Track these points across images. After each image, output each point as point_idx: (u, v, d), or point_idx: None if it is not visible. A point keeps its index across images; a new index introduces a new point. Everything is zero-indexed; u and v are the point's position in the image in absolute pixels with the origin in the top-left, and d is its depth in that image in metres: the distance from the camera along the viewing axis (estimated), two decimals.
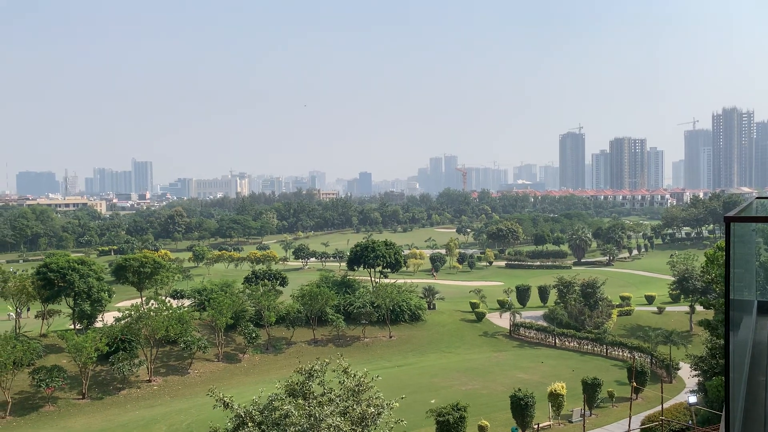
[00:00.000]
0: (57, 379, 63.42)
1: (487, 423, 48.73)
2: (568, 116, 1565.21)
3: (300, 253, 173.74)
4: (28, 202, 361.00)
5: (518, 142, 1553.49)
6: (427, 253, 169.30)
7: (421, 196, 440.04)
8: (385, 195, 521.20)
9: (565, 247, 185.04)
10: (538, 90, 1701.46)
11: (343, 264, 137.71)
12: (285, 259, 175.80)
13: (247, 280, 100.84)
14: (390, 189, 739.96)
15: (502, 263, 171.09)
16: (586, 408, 52.79)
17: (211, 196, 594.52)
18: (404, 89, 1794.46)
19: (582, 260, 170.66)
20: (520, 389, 50.98)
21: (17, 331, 74.29)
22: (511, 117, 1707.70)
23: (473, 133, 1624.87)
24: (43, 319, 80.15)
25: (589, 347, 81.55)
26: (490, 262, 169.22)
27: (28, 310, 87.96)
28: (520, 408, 49.30)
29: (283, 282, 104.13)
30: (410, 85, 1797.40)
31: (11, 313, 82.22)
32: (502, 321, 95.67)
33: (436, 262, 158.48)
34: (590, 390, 54.59)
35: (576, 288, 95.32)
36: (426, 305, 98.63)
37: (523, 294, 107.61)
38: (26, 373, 63.77)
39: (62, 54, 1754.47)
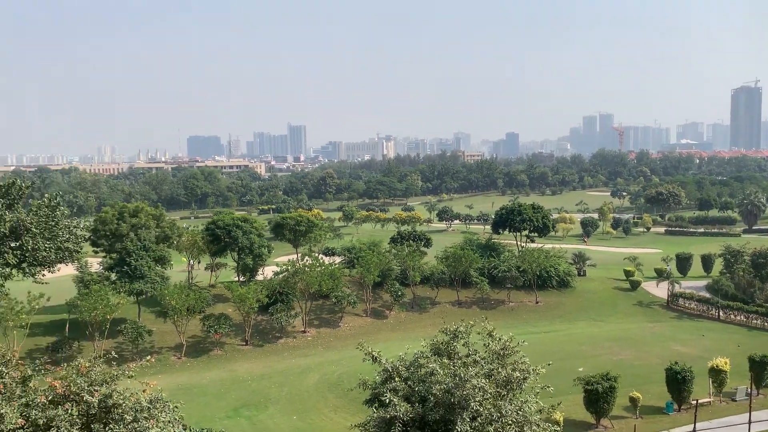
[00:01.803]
0: (224, 326, 69.64)
1: (639, 395, 46.46)
2: (743, 68, 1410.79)
3: (444, 215, 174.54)
4: (198, 164, 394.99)
5: (682, 98, 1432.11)
6: (578, 217, 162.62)
7: (572, 157, 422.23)
8: (533, 156, 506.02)
9: (734, 213, 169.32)
10: (707, 39, 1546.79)
11: (488, 227, 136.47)
12: (429, 221, 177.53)
13: (393, 240, 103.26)
14: (538, 150, 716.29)
15: (661, 229, 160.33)
16: (753, 387, 48.50)
17: (359, 159, 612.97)
18: (554, 42, 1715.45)
19: (754, 228, 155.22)
20: (677, 362, 47.97)
21: (190, 281, 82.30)
22: (674, 69, 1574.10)
23: (631, 88, 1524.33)
24: (211, 271, 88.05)
25: (759, 322, 74.54)
26: (648, 228, 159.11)
27: (199, 262, 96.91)
28: (677, 382, 46.43)
29: (428, 243, 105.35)
30: (562, 37, 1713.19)
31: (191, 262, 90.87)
32: (658, 291, 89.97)
33: (588, 227, 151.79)
34: (758, 368, 50.02)
35: (746, 258, 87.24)
36: (576, 271, 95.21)
37: (683, 263, 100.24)
38: (198, 320, 70.63)
39: (228, 34, 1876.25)
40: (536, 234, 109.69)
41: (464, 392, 22.55)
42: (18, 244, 67.09)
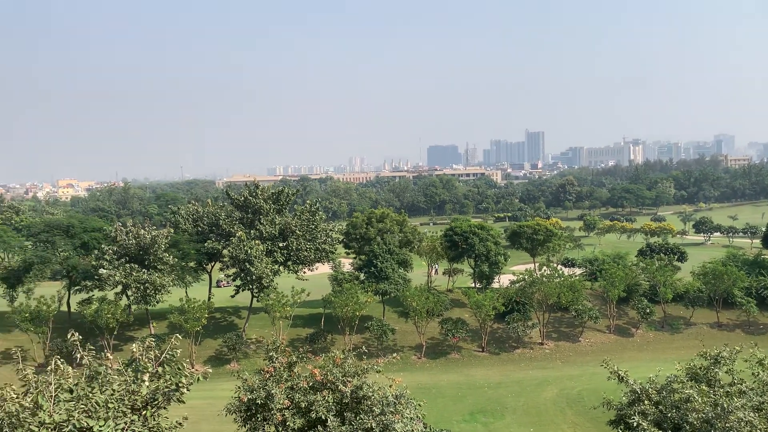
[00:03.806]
0: (461, 330, 71.01)
1: None
2: None
3: (701, 226, 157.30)
4: (437, 172, 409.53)
5: None
6: None
7: None
8: None
9: None
10: None
11: (756, 241, 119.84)
12: (683, 233, 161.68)
13: (641, 252, 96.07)
14: None
15: None
16: None
17: (602, 165, 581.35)
18: None
19: None
20: None
21: (429, 284, 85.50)
22: None
23: None
24: (449, 276, 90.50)
25: None
26: None
27: (437, 267, 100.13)
28: None
29: (682, 257, 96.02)
30: None
31: (436, 267, 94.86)
32: None
33: None
34: None
35: None
36: None
37: None
38: (436, 322, 73.01)
39: (465, 45, 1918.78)
40: None
41: (727, 424, 20.05)
42: (285, 244, 76.12)
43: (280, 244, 75.69)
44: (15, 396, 12.55)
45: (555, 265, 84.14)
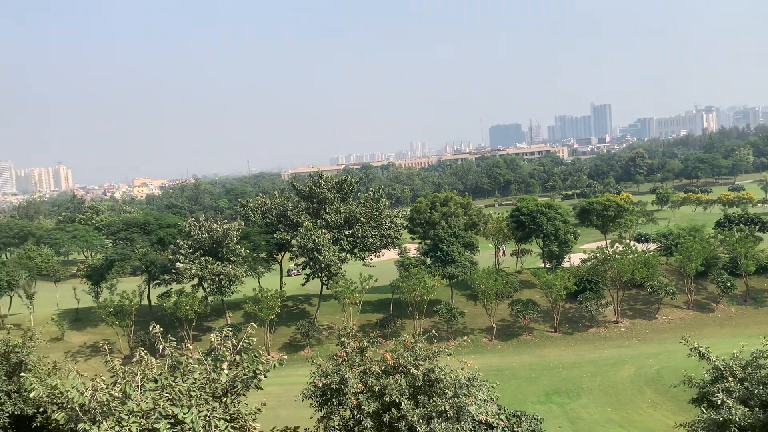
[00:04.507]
0: (531, 311, 70.08)
1: None
2: None
3: None
4: (500, 153, 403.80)
5: None
6: None
7: None
8: None
9: None
10: None
11: None
12: (765, 202, 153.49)
13: (718, 224, 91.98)
14: None
15: None
16: None
17: (674, 135, 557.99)
18: None
19: None
20: None
21: (497, 266, 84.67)
22: None
23: None
24: (517, 257, 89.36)
25: None
26: None
27: (504, 248, 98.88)
28: None
29: (764, 227, 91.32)
30: None
31: (503, 248, 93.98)
32: None
33: None
34: None
35: None
36: None
37: None
38: (506, 304, 72.32)
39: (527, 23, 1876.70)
40: None
41: None
42: (351, 232, 76.98)
43: (346, 232, 76.58)
44: (105, 386, 13.26)
45: (627, 241, 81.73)
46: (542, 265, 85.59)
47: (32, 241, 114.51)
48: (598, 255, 71.75)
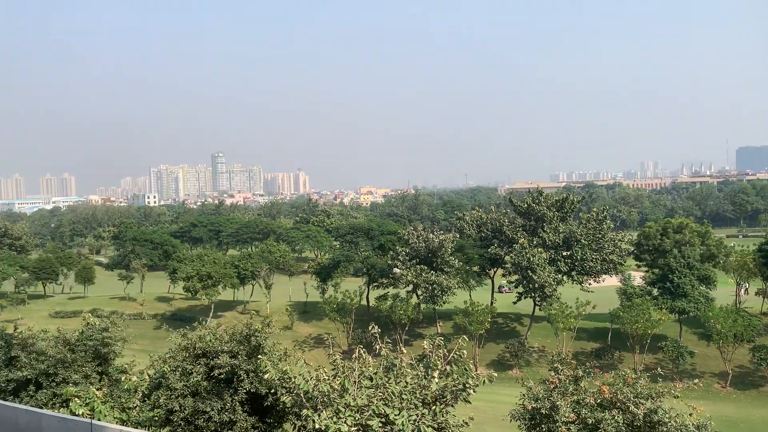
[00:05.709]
0: None
1: None
2: None
3: None
4: (748, 177, 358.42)
5: None
6: None
7: None
8: None
9: None
10: None
11: None
12: None
13: None
14: None
15: None
16: None
17: None
18: None
19: None
20: None
21: (737, 305, 75.02)
22: None
23: None
24: (763, 297, 78.19)
25: None
26: None
27: (747, 287, 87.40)
28: None
29: None
30: None
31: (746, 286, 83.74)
32: None
33: None
34: None
35: None
36: None
37: None
38: (746, 349, 63.72)
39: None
40: None
41: None
42: (569, 253, 74.00)
43: (564, 253, 73.74)
44: (327, 378, 14.19)
45: None
46: None
47: (273, 238, 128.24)
48: None
